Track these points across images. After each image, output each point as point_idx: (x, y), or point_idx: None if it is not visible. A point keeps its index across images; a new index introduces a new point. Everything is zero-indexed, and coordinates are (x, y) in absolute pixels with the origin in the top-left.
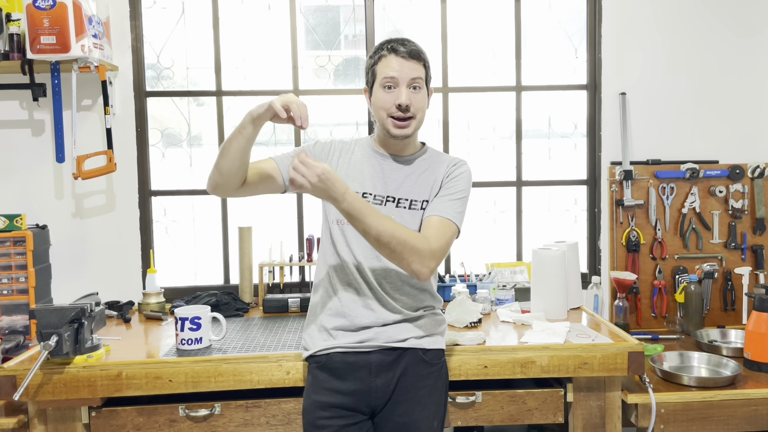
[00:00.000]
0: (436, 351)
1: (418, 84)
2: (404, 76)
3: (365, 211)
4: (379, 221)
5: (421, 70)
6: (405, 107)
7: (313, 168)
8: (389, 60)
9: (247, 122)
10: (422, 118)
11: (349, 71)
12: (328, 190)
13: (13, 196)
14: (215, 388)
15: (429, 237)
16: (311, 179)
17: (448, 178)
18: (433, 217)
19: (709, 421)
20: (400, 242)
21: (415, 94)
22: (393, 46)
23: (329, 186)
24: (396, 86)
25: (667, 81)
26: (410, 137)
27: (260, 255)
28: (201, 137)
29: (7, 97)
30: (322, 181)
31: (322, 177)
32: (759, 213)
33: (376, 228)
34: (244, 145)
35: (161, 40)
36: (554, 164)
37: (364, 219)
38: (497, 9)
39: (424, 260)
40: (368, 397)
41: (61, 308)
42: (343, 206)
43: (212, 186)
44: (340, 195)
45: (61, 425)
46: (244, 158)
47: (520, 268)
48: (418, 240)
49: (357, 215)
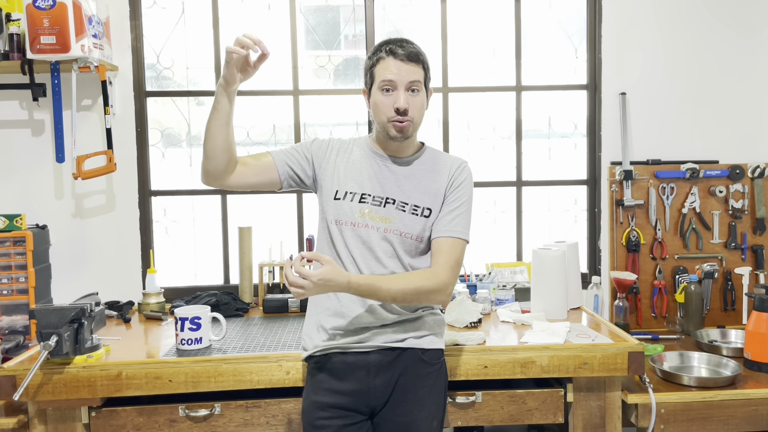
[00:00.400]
0: (434, 351)
1: (416, 87)
2: (402, 79)
3: (374, 286)
4: (389, 288)
5: (419, 73)
6: (403, 111)
7: (310, 276)
8: (387, 62)
9: (220, 93)
10: (420, 120)
11: (349, 71)
12: (329, 288)
13: (13, 196)
14: (215, 388)
15: (440, 266)
16: (309, 287)
17: (451, 188)
18: (443, 239)
19: (709, 421)
20: (414, 294)
21: (413, 97)
22: (391, 48)
23: (329, 285)
24: (394, 89)
25: (667, 81)
26: (409, 138)
27: (260, 255)
28: (201, 137)
29: (7, 97)
30: (321, 285)
31: (319, 282)
32: (759, 213)
33: (388, 295)
34: (222, 120)
35: (161, 40)
36: (554, 164)
37: (376, 294)
38: (497, 9)
39: (441, 294)
40: (367, 397)
41: (61, 308)
42: (351, 293)
43: (203, 173)
44: (345, 286)
45: (61, 425)
46: (225, 135)
47: (520, 268)
48: (428, 281)
49: (367, 294)
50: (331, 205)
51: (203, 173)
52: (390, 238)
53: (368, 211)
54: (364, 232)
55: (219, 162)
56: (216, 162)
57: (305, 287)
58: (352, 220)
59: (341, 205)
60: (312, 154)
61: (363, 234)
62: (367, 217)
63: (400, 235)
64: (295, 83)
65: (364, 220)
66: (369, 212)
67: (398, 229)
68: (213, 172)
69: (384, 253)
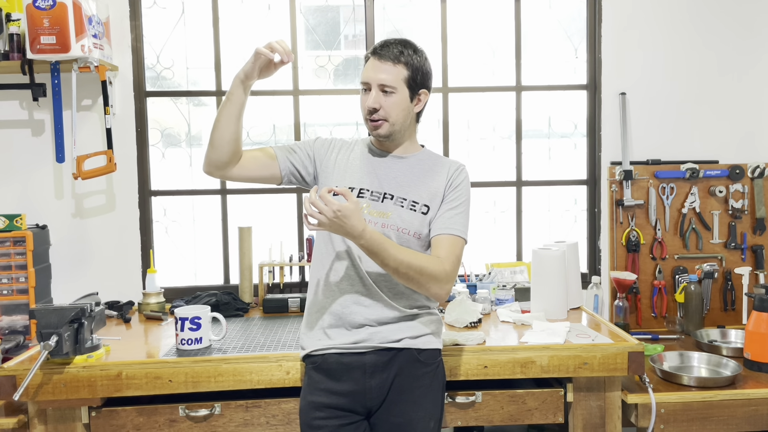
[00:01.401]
0: (431, 351)
1: (389, 89)
2: (374, 79)
3: (384, 245)
4: (397, 253)
5: (396, 72)
6: (371, 110)
7: (330, 204)
8: (369, 62)
9: (236, 85)
10: (399, 119)
11: (349, 71)
12: (345, 226)
13: (13, 196)
14: (215, 388)
15: (442, 258)
16: (328, 214)
17: (450, 188)
18: (443, 236)
19: (709, 421)
20: (417, 271)
21: (387, 97)
22: (375, 48)
23: (345, 222)
24: (369, 89)
25: (667, 81)
26: (390, 138)
27: (260, 255)
28: (201, 137)
29: (7, 97)
30: (339, 217)
31: (338, 213)
32: (759, 213)
33: (394, 260)
34: (235, 111)
35: (161, 40)
36: (554, 164)
37: (383, 253)
38: (497, 9)
39: (441, 284)
40: (363, 397)
41: (61, 308)
42: (361, 243)
43: (206, 162)
44: (359, 232)
45: (61, 425)
46: (235, 127)
47: (520, 268)
48: (433, 265)
49: (377, 250)
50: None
51: (206, 162)
52: (388, 234)
53: (366, 205)
54: None
55: (224, 152)
56: (221, 152)
57: (325, 213)
58: None
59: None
60: (314, 152)
61: None
62: (365, 212)
63: (397, 230)
64: (295, 83)
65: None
66: (367, 207)
67: (396, 224)
68: (216, 162)
69: None
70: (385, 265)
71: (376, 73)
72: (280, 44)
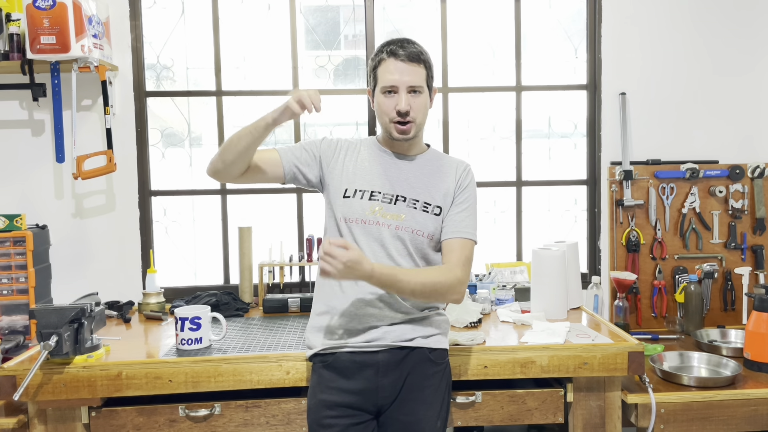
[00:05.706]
0: (441, 350)
1: (418, 89)
2: (403, 81)
3: (396, 277)
4: (409, 280)
5: (420, 73)
6: (404, 113)
7: (340, 257)
8: (388, 64)
9: (262, 126)
10: (423, 120)
11: (348, 71)
12: (355, 272)
13: (13, 196)
14: (215, 388)
15: (453, 264)
16: (338, 267)
17: (459, 189)
18: (455, 240)
19: (709, 421)
20: (431, 288)
21: (415, 99)
22: (392, 50)
23: (355, 270)
24: (396, 92)
25: (667, 81)
26: (413, 139)
27: (260, 255)
28: (201, 137)
29: (7, 97)
30: (348, 268)
31: (347, 264)
32: (759, 213)
33: (408, 287)
34: (253, 144)
35: (161, 40)
36: (554, 164)
37: (397, 284)
38: (497, 9)
39: (455, 291)
40: (375, 396)
41: (61, 308)
42: (373, 282)
43: (212, 171)
44: (368, 275)
45: (61, 425)
46: (249, 153)
47: (520, 268)
48: (444, 276)
49: (388, 284)
50: (339, 203)
51: (213, 170)
52: (402, 236)
53: (379, 208)
54: (375, 230)
55: (235, 171)
56: (232, 169)
57: (335, 266)
58: (363, 218)
59: (350, 203)
60: (320, 154)
61: (374, 231)
62: (378, 215)
63: (412, 233)
64: (295, 83)
65: (375, 218)
66: (380, 209)
67: (410, 226)
68: (224, 175)
69: (397, 251)
70: (401, 292)
71: (403, 75)
72: (312, 99)
